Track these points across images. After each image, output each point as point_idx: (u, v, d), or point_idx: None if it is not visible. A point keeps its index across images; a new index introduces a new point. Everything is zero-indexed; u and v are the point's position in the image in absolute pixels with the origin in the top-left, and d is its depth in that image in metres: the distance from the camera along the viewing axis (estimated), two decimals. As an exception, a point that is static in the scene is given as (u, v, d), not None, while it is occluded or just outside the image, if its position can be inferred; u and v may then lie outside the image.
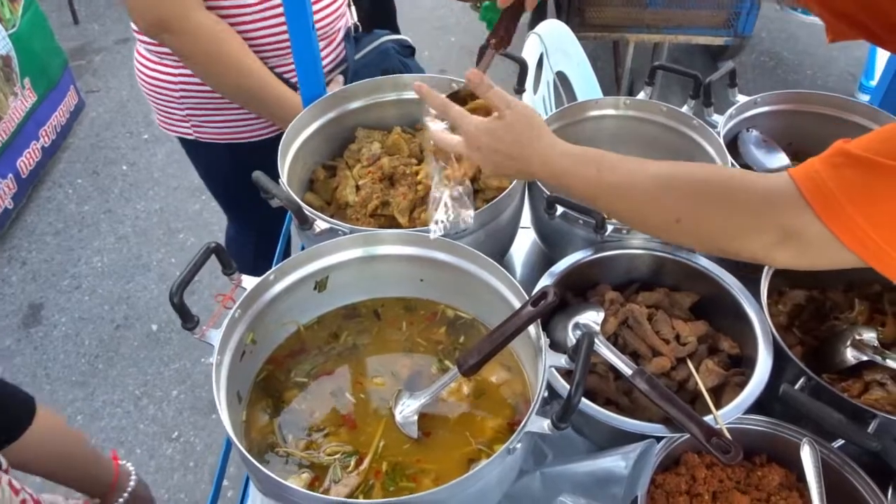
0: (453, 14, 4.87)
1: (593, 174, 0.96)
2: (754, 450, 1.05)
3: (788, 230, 0.81)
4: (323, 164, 1.49)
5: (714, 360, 1.14)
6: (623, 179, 0.94)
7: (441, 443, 1.03)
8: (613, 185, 0.95)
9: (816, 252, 0.81)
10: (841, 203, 0.77)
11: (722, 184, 0.88)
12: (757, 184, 0.85)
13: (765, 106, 1.55)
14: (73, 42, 4.68)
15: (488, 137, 1.02)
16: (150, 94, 1.76)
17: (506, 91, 1.07)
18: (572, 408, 0.86)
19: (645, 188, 0.92)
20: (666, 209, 0.90)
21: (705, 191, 0.88)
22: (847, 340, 1.14)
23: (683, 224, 0.89)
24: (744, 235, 0.85)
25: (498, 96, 1.03)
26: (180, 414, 2.61)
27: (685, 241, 0.96)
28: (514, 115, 1.01)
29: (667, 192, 0.90)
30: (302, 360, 1.15)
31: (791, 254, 0.82)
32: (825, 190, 0.78)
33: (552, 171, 1.00)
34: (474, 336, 1.17)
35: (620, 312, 1.19)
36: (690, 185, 0.90)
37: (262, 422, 1.06)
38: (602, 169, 0.95)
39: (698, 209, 0.88)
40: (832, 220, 0.77)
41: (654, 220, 0.94)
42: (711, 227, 0.88)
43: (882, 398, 1.08)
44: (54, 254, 3.25)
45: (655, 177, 0.92)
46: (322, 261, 1.15)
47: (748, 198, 0.84)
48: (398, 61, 1.80)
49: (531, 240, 1.56)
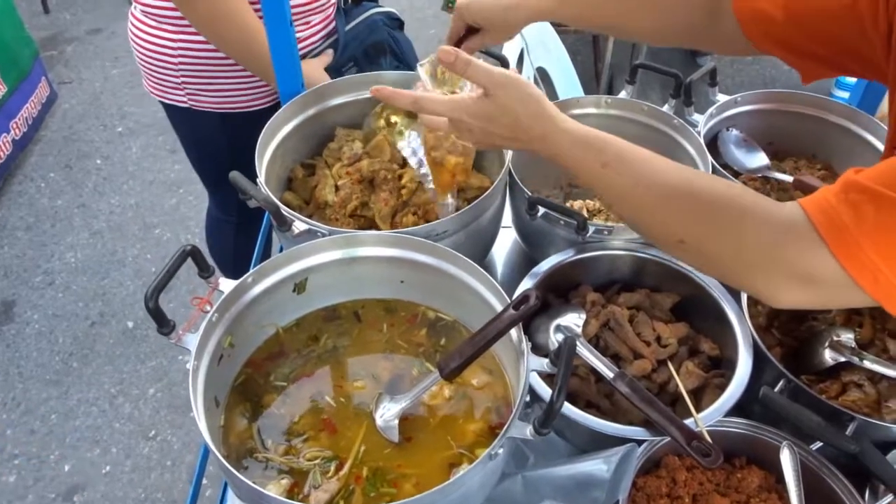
0: (431, 6, 4.84)
1: (597, 167, 0.89)
2: (734, 452, 1.05)
3: (800, 269, 0.76)
4: (302, 163, 1.47)
5: (694, 361, 1.14)
6: (628, 182, 0.88)
7: (422, 447, 1.03)
8: (618, 185, 0.88)
9: (829, 293, 0.77)
10: (860, 244, 0.72)
11: (731, 210, 0.81)
12: (767, 215, 0.79)
13: (745, 105, 1.56)
14: (44, 32, 4.59)
15: (479, 120, 0.94)
16: (145, 60, 1.74)
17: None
18: (554, 413, 0.86)
19: (651, 197, 0.86)
20: (669, 227, 0.85)
21: (714, 214, 0.82)
22: (825, 342, 1.15)
23: (687, 246, 0.84)
24: (752, 271, 0.79)
25: (481, 72, 0.92)
26: (157, 412, 2.58)
27: (687, 261, 0.90)
28: (506, 95, 0.92)
29: (672, 207, 0.84)
30: (281, 363, 1.13)
31: (799, 293, 0.78)
32: (842, 229, 0.73)
33: (555, 151, 0.93)
34: (455, 338, 1.16)
35: (602, 314, 1.18)
36: (700, 203, 0.83)
37: (240, 426, 1.05)
38: (608, 164, 0.88)
39: (704, 234, 0.83)
40: (850, 261, 0.73)
41: (656, 234, 0.89)
42: (717, 257, 0.83)
43: (859, 399, 1.09)
44: (26, 249, 3.19)
45: (663, 186, 0.86)
46: (301, 262, 1.13)
47: (759, 230, 0.79)
48: (387, 34, 1.79)
49: (512, 239, 1.55)
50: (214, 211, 2.22)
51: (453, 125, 0.97)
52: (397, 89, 1.02)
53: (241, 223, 2.12)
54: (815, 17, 0.97)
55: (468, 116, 0.94)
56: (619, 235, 1.25)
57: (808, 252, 0.75)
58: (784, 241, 0.76)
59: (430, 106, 0.98)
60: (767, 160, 1.52)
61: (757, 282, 0.80)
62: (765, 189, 1.51)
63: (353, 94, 1.49)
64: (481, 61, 0.93)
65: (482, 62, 0.93)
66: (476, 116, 0.94)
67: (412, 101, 1.00)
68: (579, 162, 0.91)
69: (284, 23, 1.38)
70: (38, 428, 2.52)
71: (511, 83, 0.92)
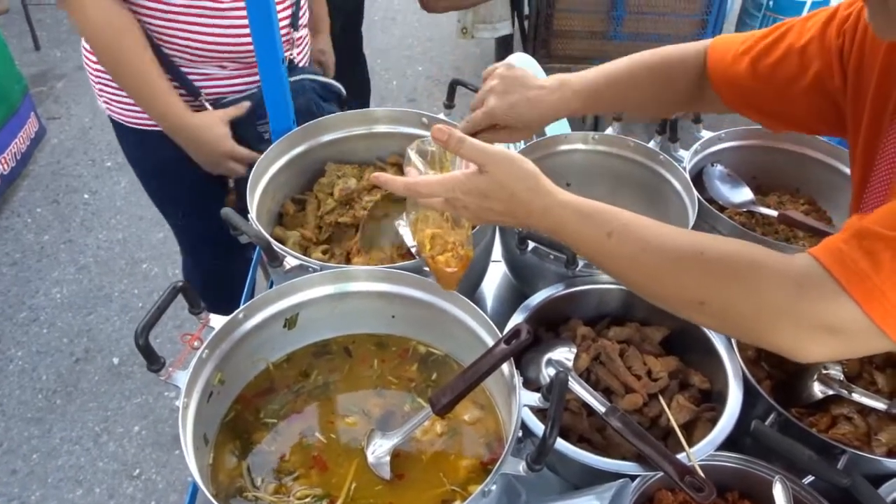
0: (420, 44, 4.92)
1: (602, 238, 0.88)
2: (727, 487, 1.05)
3: (824, 320, 0.75)
4: (293, 198, 1.48)
5: (685, 395, 1.15)
6: (637, 250, 0.86)
7: (414, 484, 1.02)
8: (626, 253, 0.87)
9: (854, 343, 0.76)
10: (882, 290, 0.72)
11: (749, 267, 0.80)
12: (786, 268, 0.78)
13: (729, 142, 1.59)
14: (34, 68, 4.60)
15: (475, 197, 0.92)
16: (92, 73, 1.73)
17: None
18: (547, 449, 0.86)
19: (662, 263, 0.85)
20: (687, 289, 0.83)
21: (733, 274, 0.81)
22: (814, 375, 1.16)
23: (708, 307, 0.82)
24: (776, 327, 0.78)
25: (474, 150, 0.91)
26: (142, 450, 2.53)
27: (708, 324, 0.88)
28: (501, 171, 0.91)
29: (688, 269, 0.83)
30: (271, 399, 1.12)
31: (825, 345, 0.77)
32: (862, 276, 0.73)
33: (555, 226, 0.91)
34: (447, 373, 1.16)
35: (592, 348, 1.19)
36: (713, 264, 0.82)
37: (229, 465, 1.03)
38: (613, 233, 0.87)
39: (723, 294, 0.81)
40: (874, 308, 0.72)
41: (673, 299, 0.86)
42: (739, 315, 0.81)
43: (849, 432, 1.09)
44: (11, 285, 3.16)
45: (675, 251, 0.84)
46: (292, 298, 1.13)
47: (777, 285, 0.78)
48: (314, 102, 1.69)
49: (502, 273, 1.56)
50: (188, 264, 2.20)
51: (449, 203, 0.95)
52: (392, 176, 1.00)
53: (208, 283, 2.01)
54: (780, 82, 1.07)
55: (463, 194, 0.93)
56: (609, 269, 1.26)
57: (831, 302, 0.74)
58: (804, 294, 0.76)
59: (424, 189, 0.96)
60: (752, 195, 1.54)
61: (782, 338, 0.78)
62: (750, 223, 1.54)
63: (344, 131, 1.50)
64: (474, 140, 0.93)
65: (475, 140, 0.93)
66: (471, 193, 0.92)
67: (405, 188, 0.97)
68: (583, 233, 0.90)
69: (276, 61, 1.40)
70: (19, 468, 2.47)
71: (507, 159, 0.91)
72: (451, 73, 4.31)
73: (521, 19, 3.84)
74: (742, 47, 1.12)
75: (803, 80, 1.05)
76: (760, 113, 1.16)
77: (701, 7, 3.05)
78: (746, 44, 1.11)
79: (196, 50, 1.58)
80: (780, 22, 1.12)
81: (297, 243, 1.38)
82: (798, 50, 1.05)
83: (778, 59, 1.07)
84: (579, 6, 3.12)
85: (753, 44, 1.10)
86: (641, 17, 3.09)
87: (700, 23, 3.09)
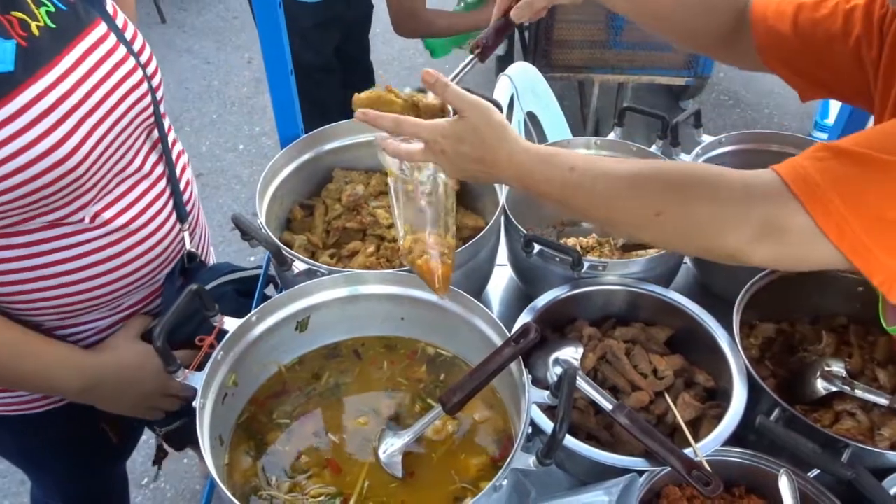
0: (421, 55, 4.95)
1: (565, 174, 0.92)
2: (734, 481, 1.07)
3: (772, 222, 0.79)
4: (300, 204, 1.51)
5: (690, 393, 1.17)
6: (597, 175, 0.91)
7: (426, 482, 1.04)
8: (588, 182, 0.91)
9: (798, 247, 0.80)
10: (828, 195, 0.76)
11: (704, 177, 0.86)
12: (739, 178, 0.84)
13: (729, 145, 1.61)
14: None
15: (451, 140, 0.97)
16: None
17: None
18: (557, 443, 0.88)
19: (623, 182, 0.90)
20: (646, 203, 0.88)
21: (688, 183, 0.86)
22: (817, 372, 1.18)
23: (664, 217, 0.86)
24: (726, 229, 0.82)
25: (456, 95, 0.96)
26: (150, 460, 2.53)
27: (662, 237, 0.92)
28: (476, 116, 0.95)
29: (646, 184, 0.88)
30: (284, 401, 1.14)
31: (771, 249, 0.81)
32: (811, 182, 0.77)
33: (519, 172, 0.96)
34: (455, 374, 1.18)
35: (599, 348, 1.21)
36: (673, 177, 0.88)
37: (244, 465, 1.05)
38: (574, 168, 0.92)
39: (681, 201, 0.86)
40: (818, 211, 0.76)
41: (632, 215, 0.90)
42: (694, 221, 0.85)
43: (853, 427, 1.11)
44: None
45: (633, 171, 0.90)
46: (304, 301, 1.15)
47: (731, 190, 0.83)
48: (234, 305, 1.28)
49: (508, 277, 1.58)
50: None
51: (428, 147, 0.99)
52: (380, 113, 1.03)
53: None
54: (820, 39, 1.06)
55: (442, 137, 0.97)
56: (614, 271, 1.28)
57: (779, 204, 0.79)
58: (758, 197, 0.80)
59: (410, 128, 1.00)
60: (753, 197, 1.57)
61: (731, 241, 0.82)
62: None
63: (351, 138, 1.53)
64: (457, 87, 0.98)
65: (457, 87, 0.98)
66: (448, 136, 0.97)
67: (392, 121, 1.01)
68: (546, 174, 0.94)
69: (286, 73, 1.43)
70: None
71: (480, 105, 0.96)
72: (452, 84, 4.34)
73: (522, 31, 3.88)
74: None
75: (845, 42, 1.04)
76: (790, 69, 1.13)
77: (699, 16, 3.09)
78: None
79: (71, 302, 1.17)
80: None
81: (302, 247, 1.40)
82: (845, 11, 1.04)
83: (824, 15, 1.06)
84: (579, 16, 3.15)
85: None
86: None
87: (699, 31, 3.13)
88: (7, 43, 0.97)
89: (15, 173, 0.97)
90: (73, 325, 1.20)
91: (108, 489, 1.74)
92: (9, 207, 1.00)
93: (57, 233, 1.09)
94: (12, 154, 0.96)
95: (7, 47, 0.97)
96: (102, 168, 1.09)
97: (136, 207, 1.17)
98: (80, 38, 1.07)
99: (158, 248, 1.22)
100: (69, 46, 1.05)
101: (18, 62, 0.97)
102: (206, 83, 4.59)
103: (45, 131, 0.98)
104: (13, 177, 0.97)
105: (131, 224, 1.16)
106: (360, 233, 1.44)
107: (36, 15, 1.03)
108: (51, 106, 0.99)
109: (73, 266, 1.12)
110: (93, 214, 1.11)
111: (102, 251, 1.14)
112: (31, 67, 0.99)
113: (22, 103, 0.96)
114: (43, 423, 1.31)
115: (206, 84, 4.58)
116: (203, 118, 4.27)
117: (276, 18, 1.36)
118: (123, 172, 1.16)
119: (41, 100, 0.98)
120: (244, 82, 4.61)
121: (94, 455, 1.53)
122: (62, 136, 1.00)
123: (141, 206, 1.18)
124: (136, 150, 1.18)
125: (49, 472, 1.54)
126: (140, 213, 1.18)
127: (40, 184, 1.00)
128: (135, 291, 1.23)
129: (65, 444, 1.43)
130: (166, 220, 1.24)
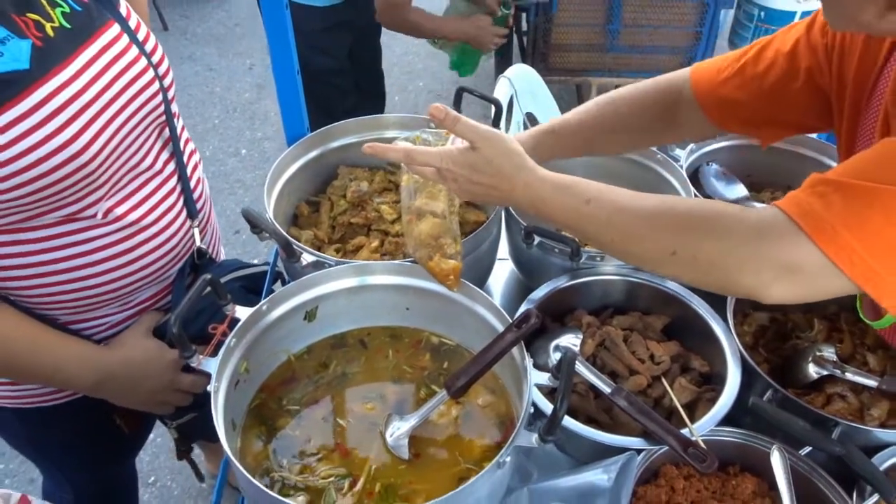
0: (421, 60, 5.01)
1: (580, 206, 0.96)
2: (728, 460, 1.10)
3: (786, 262, 0.82)
4: (307, 200, 1.55)
5: (686, 377, 1.20)
6: (613, 211, 0.94)
7: (431, 464, 1.07)
8: (604, 217, 0.95)
9: (812, 282, 0.82)
10: (836, 229, 0.79)
11: (718, 217, 0.88)
12: (749, 217, 0.86)
13: (724, 141, 1.66)
14: None
15: (465, 169, 1.00)
16: None
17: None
18: (558, 420, 0.91)
19: (638, 220, 0.93)
20: (660, 241, 0.90)
21: (702, 224, 0.89)
22: (809, 357, 1.22)
23: (679, 256, 0.89)
24: (742, 270, 0.85)
25: (468, 128, 0.99)
26: (156, 458, 2.58)
27: (679, 273, 0.95)
28: (490, 148, 0.99)
29: (661, 223, 0.91)
30: (293, 388, 1.18)
31: (786, 287, 0.83)
32: (819, 218, 0.80)
33: (534, 199, 0.99)
34: (458, 362, 1.21)
35: (598, 334, 1.25)
36: (687, 217, 0.90)
37: (256, 448, 1.09)
38: (591, 200, 0.95)
39: (695, 242, 0.88)
40: (830, 246, 0.79)
41: (647, 252, 0.94)
42: (708, 261, 0.88)
43: (843, 408, 1.15)
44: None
45: (648, 209, 0.93)
46: (312, 291, 1.19)
47: (742, 230, 0.85)
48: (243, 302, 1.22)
49: (508, 270, 1.62)
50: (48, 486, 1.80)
51: (440, 174, 1.03)
52: (389, 145, 1.06)
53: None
54: (773, 87, 1.12)
55: (454, 165, 1.00)
56: (611, 261, 1.32)
57: (790, 243, 0.81)
58: (767, 237, 0.83)
59: (420, 157, 1.03)
60: (746, 192, 1.61)
61: (747, 280, 0.85)
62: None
63: (356, 136, 1.57)
64: (468, 119, 1.00)
65: (469, 119, 1.00)
66: (462, 166, 1.00)
67: (404, 154, 1.04)
68: (563, 203, 0.98)
69: (292, 70, 1.47)
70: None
71: (496, 138, 1.00)
72: (452, 87, 4.39)
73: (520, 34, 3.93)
74: (726, 63, 1.17)
75: (796, 79, 1.10)
76: (750, 125, 1.20)
77: (695, 19, 3.14)
78: (729, 61, 1.17)
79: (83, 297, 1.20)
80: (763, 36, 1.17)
81: (308, 242, 1.44)
82: (786, 53, 1.11)
83: (767, 66, 1.12)
84: (576, 20, 3.20)
85: (737, 59, 1.16)
86: (637, 29, 3.17)
87: (694, 35, 3.17)
88: (23, 42, 1.01)
89: (30, 167, 1.00)
90: (86, 320, 1.23)
91: (118, 484, 1.78)
92: (24, 202, 1.04)
93: (70, 228, 1.11)
94: (29, 148, 0.99)
95: (23, 46, 1.01)
96: (115, 164, 1.13)
97: (147, 204, 1.21)
98: (94, 38, 1.11)
99: (169, 245, 1.25)
100: (83, 46, 1.09)
101: (34, 61, 1.01)
102: (208, 89, 4.64)
103: (60, 127, 1.02)
104: (29, 171, 1.00)
105: (142, 220, 1.20)
106: (364, 228, 1.48)
107: (51, 16, 1.07)
108: (65, 103, 1.03)
109: (86, 261, 1.15)
110: (105, 210, 1.14)
111: (114, 246, 1.17)
112: (45, 66, 1.03)
113: (37, 100, 1.00)
114: (56, 416, 1.35)
115: (209, 90, 4.64)
116: (206, 123, 4.32)
117: (282, 18, 1.40)
118: (135, 169, 1.20)
119: (55, 96, 1.02)
120: (246, 88, 4.66)
121: (106, 449, 1.57)
122: (76, 132, 1.04)
123: (152, 202, 1.22)
124: (147, 147, 1.22)
125: (61, 466, 1.58)
126: (151, 210, 1.22)
127: (54, 178, 1.03)
128: (146, 287, 1.26)
129: (78, 437, 1.46)
130: (177, 216, 1.27)
